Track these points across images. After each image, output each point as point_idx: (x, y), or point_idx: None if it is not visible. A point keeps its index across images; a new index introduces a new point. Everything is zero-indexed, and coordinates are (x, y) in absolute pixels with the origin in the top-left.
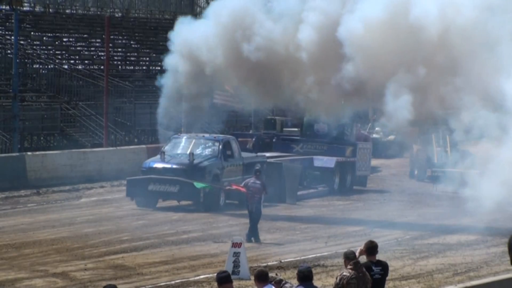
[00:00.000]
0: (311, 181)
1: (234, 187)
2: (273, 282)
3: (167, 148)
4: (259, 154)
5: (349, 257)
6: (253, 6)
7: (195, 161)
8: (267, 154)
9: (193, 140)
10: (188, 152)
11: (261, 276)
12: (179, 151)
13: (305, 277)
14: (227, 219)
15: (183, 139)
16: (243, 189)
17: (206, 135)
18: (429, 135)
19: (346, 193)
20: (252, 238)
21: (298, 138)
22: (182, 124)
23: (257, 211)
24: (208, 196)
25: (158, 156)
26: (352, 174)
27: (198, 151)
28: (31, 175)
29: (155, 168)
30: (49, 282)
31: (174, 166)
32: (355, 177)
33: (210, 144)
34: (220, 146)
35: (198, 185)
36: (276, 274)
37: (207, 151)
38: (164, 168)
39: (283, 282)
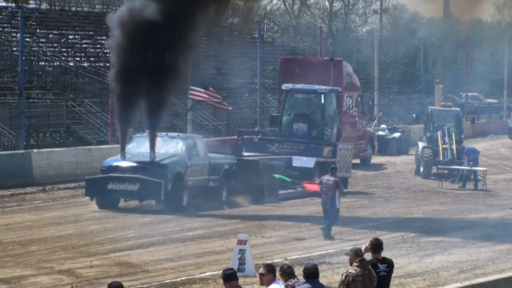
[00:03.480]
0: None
1: (305, 185)
2: (281, 273)
3: (130, 146)
4: (228, 155)
5: (356, 253)
6: None
7: (156, 159)
8: (246, 154)
9: (158, 139)
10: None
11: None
12: (141, 150)
13: (311, 274)
14: (233, 216)
15: (147, 137)
16: (317, 187)
17: (170, 133)
18: (434, 132)
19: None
20: (322, 230)
21: (275, 138)
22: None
23: (331, 207)
24: (170, 196)
25: (119, 154)
26: None
27: (161, 149)
28: (37, 172)
29: (115, 166)
30: (55, 279)
31: (134, 164)
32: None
33: (173, 142)
34: (184, 145)
35: (278, 176)
36: (286, 258)
37: (171, 150)
38: (124, 167)
39: (291, 276)
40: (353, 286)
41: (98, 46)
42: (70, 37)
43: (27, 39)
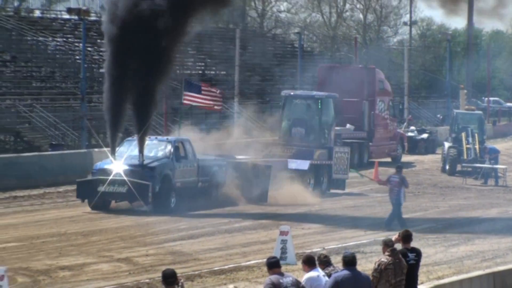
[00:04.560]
0: None
1: (375, 179)
2: (318, 262)
3: (120, 150)
4: (218, 157)
5: (388, 244)
6: None
7: (145, 162)
8: (240, 157)
9: (146, 142)
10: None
11: (309, 260)
12: (131, 153)
13: (350, 262)
14: (275, 209)
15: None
16: (385, 183)
17: (159, 137)
18: (459, 133)
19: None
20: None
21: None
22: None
23: (396, 202)
24: (158, 197)
25: (110, 158)
26: (328, 177)
27: (150, 152)
28: None
29: (105, 169)
30: (114, 266)
31: (123, 167)
32: (331, 180)
33: (162, 145)
34: (172, 148)
35: (353, 170)
36: (323, 248)
37: (159, 153)
38: (113, 169)
39: (328, 264)
40: (385, 273)
41: None
42: None
43: (89, 49)
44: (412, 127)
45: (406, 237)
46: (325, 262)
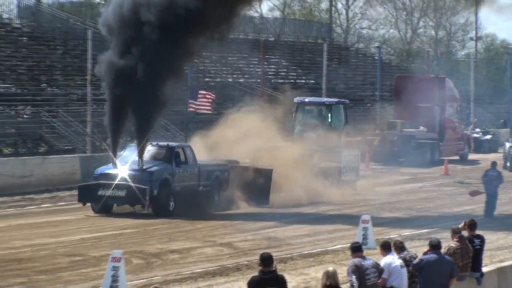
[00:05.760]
0: None
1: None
2: (394, 247)
3: (122, 155)
4: (221, 162)
5: (456, 231)
6: None
7: (145, 167)
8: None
9: (147, 148)
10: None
11: (385, 245)
12: (132, 158)
13: (435, 246)
14: (358, 200)
15: None
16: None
17: (160, 142)
18: None
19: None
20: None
21: None
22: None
23: (493, 194)
24: (157, 201)
25: (111, 163)
26: (337, 179)
27: (151, 157)
28: None
29: (106, 174)
30: (217, 250)
31: (123, 172)
32: (341, 181)
33: (163, 151)
34: (172, 153)
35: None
36: (399, 235)
37: (159, 158)
38: (114, 174)
39: (402, 249)
40: (453, 257)
41: (251, 65)
42: (229, 58)
43: (195, 60)
44: (477, 129)
45: (472, 225)
46: (400, 248)
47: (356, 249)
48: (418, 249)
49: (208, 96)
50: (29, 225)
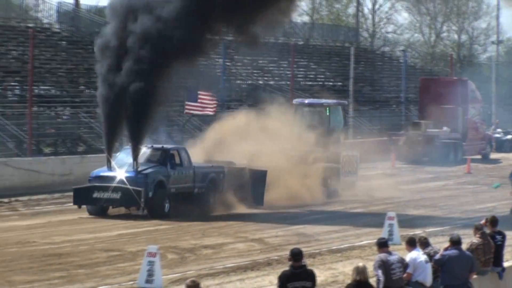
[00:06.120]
0: None
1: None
2: (419, 243)
3: (117, 157)
4: (215, 164)
5: (478, 228)
6: None
7: (140, 169)
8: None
9: (143, 150)
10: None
11: (411, 241)
12: (127, 161)
13: (456, 242)
14: (383, 198)
15: None
16: None
17: (155, 145)
18: None
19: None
20: None
21: None
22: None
23: None
24: (152, 202)
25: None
26: (336, 179)
27: (146, 160)
28: None
29: (101, 176)
30: (248, 245)
31: (118, 174)
32: (340, 181)
33: (157, 153)
34: (167, 155)
35: (495, 185)
36: (424, 231)
37: (154, 160)
38: (109, 176)
39: (427, 245)
40: (476, 252)
41: (281, 68)
42: (260, 61)
43: (227, 63)
44: (499, 129)
45: (493, 222)
46: (424, 243)
47: (382, 244)
48: (442, 245)
49: (209, 97)
50: (69, 221)
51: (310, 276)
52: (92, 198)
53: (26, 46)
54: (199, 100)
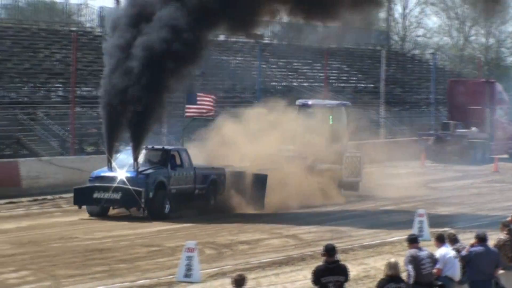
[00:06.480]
0: None
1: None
2: (448, 239)
3: (118, 158)
4: (216, 166)
5: (505, 224)
6: None
7: (140, 169)
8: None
9: (143, 151)
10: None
11: (440, 237)
12: (128, 161)
13: (482, 238)
14: (414, 195)
15: None
16: None
17: (156, 146)
18: None
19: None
20: None
21: None
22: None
23: None
24: (152, 203)
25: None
26: (338, 180)
27: (146, 161)
28: None
29: (102, 177)
30: (283, 241)
31: (118, 174)
32: (342, 182)
33: (158, 154)
34: (167, 156)
35: None
36: (452, 228)
37: (155, 161)
38: (109, 177)
39: (456, 241)
40: (503, 248)
41: (315, 70)
42: (294, 64)
43: (263, 66)
44: None
45: None
46: (453, 240)
47: (413, 240)
48: (470, 241)
49: (206, 99)
50: (110, 218)
51: (343, 271)
52: (93, 199)
53: (69, 49)
54: (198, 103)
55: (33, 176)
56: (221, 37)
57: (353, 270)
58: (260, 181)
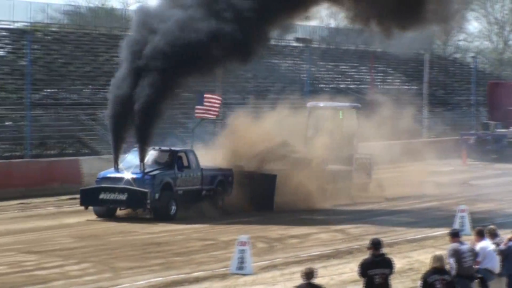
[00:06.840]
0: None
1: None
2: (488, 234)
3: (125, 159)
4: (224, 167)
5: None
6: None
7: (147, 170)
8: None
9: (150, 152)
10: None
11: (480, 232)
12: (135, 162)
13: None
14: (455, 192)
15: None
16: None
17: (163, 147)
18: None
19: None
20: None
21: None
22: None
23: None
24: (158, 204)
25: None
26: (348, 181)
27: (153, 162)
28: None
29: (108, 178)
30: (331, 235)
31: (125, 175)
32: (352, 183)
33: (165, 155)
34: (174, 157)
35: None
36: (492, 223)
37: (162, 162)
38: (115, 178)
39: (495, 236)
40: None
41: (361, 73)
42: (342, 66)
43: (312, 69)
44: None
45: None
46: (493, 234)
47: (455, 235)
48: (508, 236)
49: (212, 100)
50: None
51: (388, 264)
52: (99, 199)
53: None
54: (204, 103)
55: (94, 173)
56: (272, 41)
57: (398, 263)
58: (269, 181)
